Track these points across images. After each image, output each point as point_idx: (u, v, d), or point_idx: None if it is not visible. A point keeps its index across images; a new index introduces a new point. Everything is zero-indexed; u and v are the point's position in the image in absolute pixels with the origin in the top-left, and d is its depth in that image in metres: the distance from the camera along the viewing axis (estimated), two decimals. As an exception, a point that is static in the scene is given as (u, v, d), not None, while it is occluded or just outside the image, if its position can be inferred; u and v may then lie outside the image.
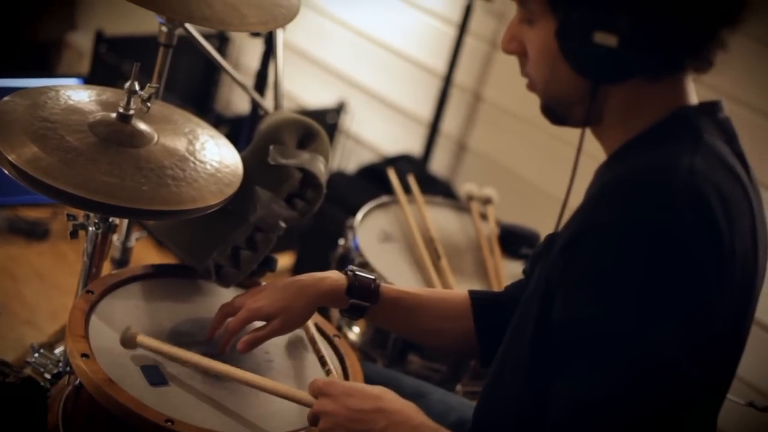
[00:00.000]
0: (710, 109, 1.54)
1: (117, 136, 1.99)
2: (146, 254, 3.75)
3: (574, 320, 1.42)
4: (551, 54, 1.50)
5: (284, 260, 3.53)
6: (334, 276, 1.95)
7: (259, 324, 1.91)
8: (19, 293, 3.59)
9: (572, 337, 1.42)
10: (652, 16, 1.43)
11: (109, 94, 2.18)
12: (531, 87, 1.60)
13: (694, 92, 1.55)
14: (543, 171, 3.89)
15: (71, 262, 3.78)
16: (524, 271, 1.93)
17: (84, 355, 1.77)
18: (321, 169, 2.10)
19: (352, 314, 1.97)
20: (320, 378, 1.72)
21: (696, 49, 1.48)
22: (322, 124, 2.22)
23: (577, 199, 1.56)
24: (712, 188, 1.41)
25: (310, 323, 2.03)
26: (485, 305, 1.97)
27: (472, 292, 2.00)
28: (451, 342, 2.02)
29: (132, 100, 2.02)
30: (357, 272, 1.95)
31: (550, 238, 1.73)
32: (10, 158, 1.84)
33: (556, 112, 1.59)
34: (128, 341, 1.84)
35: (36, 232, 3.93)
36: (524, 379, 1.56)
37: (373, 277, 1.96)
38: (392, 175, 3.01)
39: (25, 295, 3.59)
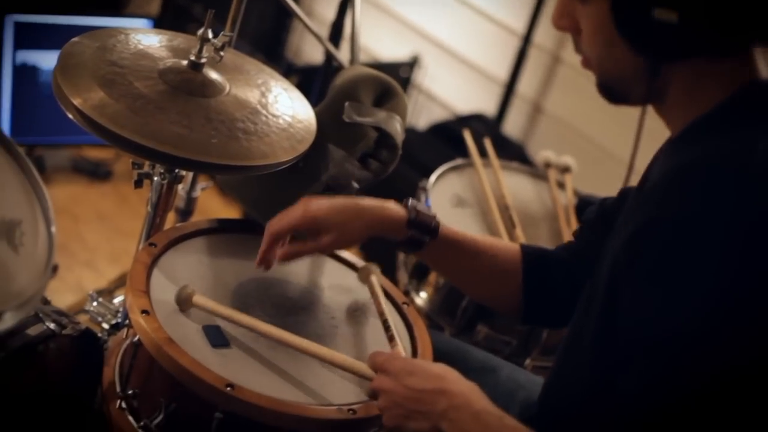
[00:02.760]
0: None
1: (187, 85, 1.91)
2: (211, 204, 3.69)
3: (643, 318, 1.32)
4: (606, 31, 1.39)
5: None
6: (394, 206, 1.86)
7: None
8: (80, 234, 3.55)
9: (640, 334, 1.33)
10: None
11: (180, 40, 2.10)
12: (586, 64, 1.50)
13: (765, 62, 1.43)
14: (620, 139, 3.75)
15: (134, 205, 3.74)
16: (583, 220, 1.86)
17: (144, 312, 1.71)
18: (397, 129, 2.01)
19: (408, 247, 1.88)
20: (381, 352, 1.64)
21: (763, 22, 1.36)
22: (395, 78, 2.12)
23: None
24: None
25: (376, 283, 1.95)
26: (535, 262, 1.89)
27: (523, 247, 1.91)
28: (498, 294, 1.94)
29: (204, 47, 1.94)
30: (417, 206, 1.86)
31: (624, 192, 1.67)
32: (75, 103, 1.76)
33: (613, 91, 1.49)
34: (184, 301, 1.77)
35: (99, 173, 3.89)
36: (588, 370, 1.47)
37: (433, 214, 1.87)
38: (468, 138, 2.90)
39: (86, 236, 3.56)
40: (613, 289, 1.38)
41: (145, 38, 2.06)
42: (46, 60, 3.58)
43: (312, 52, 4.55)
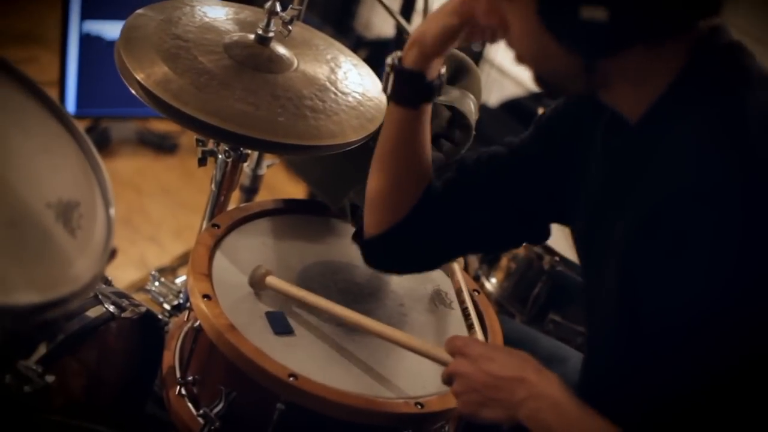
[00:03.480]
0: (721, 34, 1.35)
1: (254, 60, 1.85)
2: (278, 180, 3.63)
3: (670, 304, 1.26)
4: (535, 31, 1.32)
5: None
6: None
7: None
8: (144, 208, 3.52)
9: (669, 320, 1.27)
10: None
11: (248, 12, 2.04)
12: (519, 59, 1.42)
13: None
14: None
15: (199, 179, 3.68)
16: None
17: (206, 296, 1.65)
18: (471, 108, 1.92)
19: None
20: (459, 336, 1.56)
21: (695, 3, 1.29)
22: (466, 53, 2.02)
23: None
24: None
25: (457, 269, 1.87)
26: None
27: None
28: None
29: (272, 21, 1.86)
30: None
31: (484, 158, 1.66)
32: (138, 78, 1.71)
33: (550, 85, 1.42)
34: (257, 282, 1.71)
35: (165, 146, 3.86)
36: (617, 357, 1.41)
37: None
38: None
39: (150, 210, 3.52)
40: (628, 274, 1.32)
41: (212, 11, 1.99)
42: (113, 30, 3.54)
43: (383, 26, 4.46)
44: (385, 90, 1.63)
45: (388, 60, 1.61)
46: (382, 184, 1.68)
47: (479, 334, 1.75)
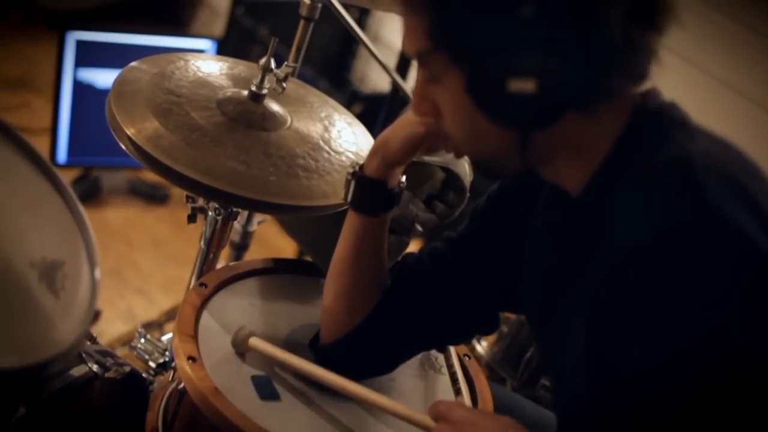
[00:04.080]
0: (655, 96, 1.36)
1: (247, 117, 1.83)
2: (270, 236, 3.60)
3: (640, 357, 1.23)
4: (466, 110, 1.31)
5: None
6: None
7: None
8: (134, 260, 3.49)
9: (642, 368, 1.24)
10: (565, 44, 1.22)
11: (242, 68, 2.02)
12: (455, 149, 1.45)
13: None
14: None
15: (189, 232, 3.62)
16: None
17: (191, 358, 1.61)
18: (466, 169, 1.89)
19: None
20: (443, 400, 1.52)
21: (624, 71, 1.29)
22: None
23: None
24: (728, 163, 1.26)
25: None
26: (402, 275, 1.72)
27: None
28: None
29: (266, 78, 1.84)
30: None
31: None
32: (129, 133, 1.68)
33: (490, 167, 1.43)
34: (240, 343, 1.67)
35: (156, 196, 3.83)
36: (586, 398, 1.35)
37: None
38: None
39: (139, 262, 3.48)
40: (595, 332, 1.29)
41: (206, 65, 1.97)
42: (107, 78, 3.53)
43: (378, 79, 4.45)
44: (345, 197, 1.63)
45: (349, 168, 1.62)
46: (341, 291, 1.68)
47: (466, 398, 1.71)
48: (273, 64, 1.85)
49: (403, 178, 1.64)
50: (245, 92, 1.88)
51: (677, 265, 1.19)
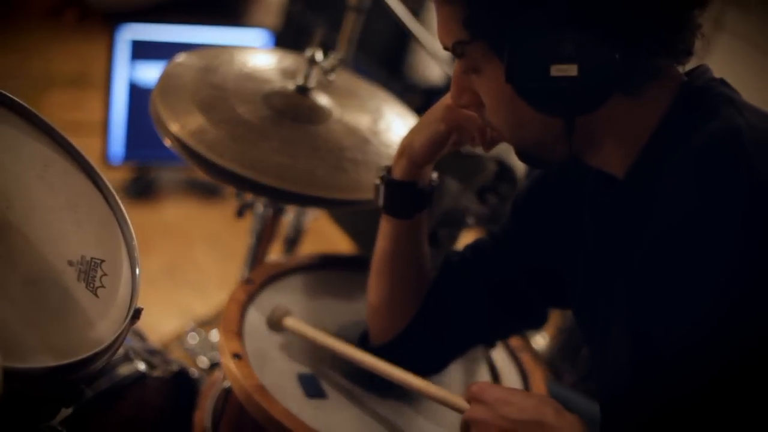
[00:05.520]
0: (705, 72, 1.33)
1: (293, 110, 1.80)
2: (322, 234, 3.57)
3: (681, 335, 1.20)
4: (509, 99, 1.27)
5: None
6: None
7: None
8: (191, 255, 3.48)
9: (679, 343, 1.20)
10: (605, 27, 1.19)
11: (291, 60, 1.98)
12: (499, 136, 1.42)
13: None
14: None
15: (247, 227, 3.64)
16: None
17: (236, 356, 1.59)
18: (519, 161, 1.85)
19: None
20: (477, 382, 1.48)
21: (668, 48, 1.26)
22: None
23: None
24: None
25: None
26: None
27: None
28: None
29: (313, 70, 1.81)
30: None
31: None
32: (172, 129, 1.66)
33: (535, 156, 1.38)
34: (275, 322, 1.67)
35: (213, 192, 3.82)
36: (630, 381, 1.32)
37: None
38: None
39: (196, 258, 3.48)
40: (638, 311, 1.26)
41: (253, 58, 1.95)
42: (163, 75, 3.52)
43: (434, 71, 4.41)
44: (377, 202, 1.60)
45: (378, 173, 1.60)
46: (383, 294, 1.67)
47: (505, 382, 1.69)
48: (320, 56, 1.82)
49: (435, 176, 1.62)
50: (293, 85, 1.84)
51: (721, 242, 1.15)
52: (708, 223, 1.16)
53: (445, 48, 1.34)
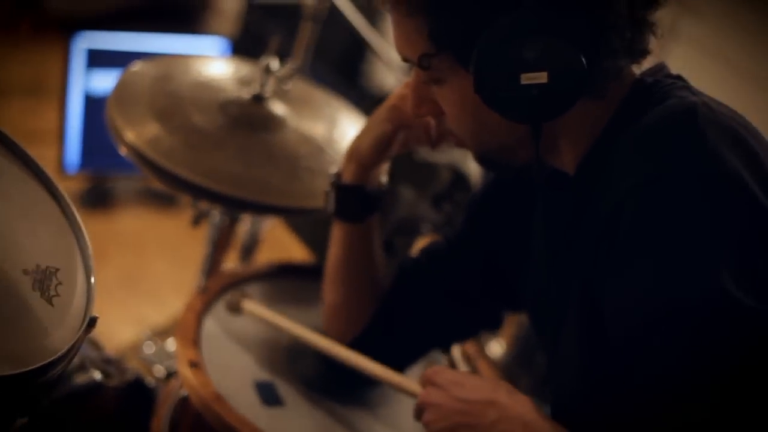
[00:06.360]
0: (661, 70, 1.35)
1: (249, 119, 1.80)
2: (279, 242, 3.57)
3: (635, 299, 1.19)
4: (474, 108, 1.29)
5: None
6: None
7: None
8: (147, 264, 3.47)
9: (637, 316, 1.20)
10: (571, 32, 1.21)
11: (247, 69, 1.99)
12: (459, 143, 1.42)
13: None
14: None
15: (203, 235, 3.64)
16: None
17: (193, 364, 1.59)
18: (474, 169, 1.87)
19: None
20: (432, 366, 1.50)
21: (628, 49, 1.27)
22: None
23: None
24: (729, 119, 1.22)
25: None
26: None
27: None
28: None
29: (268, 79, 1.82)
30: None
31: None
32: (127, 138, 1.66)
33: (497, 161, 1.39)
34: (234, 305, 1.68)
35: (169, 201, 3.80)
36: (581, 373, 1.33)
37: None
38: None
39: (152, 266, 3.46)
40: (587, 281, 1.26)
41: (209, 67, 1.95)
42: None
43: (391, 80, 4.43)
44: (327, 208, 1.61)
45: (329, 179, 1.61)
46: (337, 299, 1.68)
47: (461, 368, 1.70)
48: (276, 65, 1.83)
49: (384, 180, 1.63)
50: (249, 94, 1.85)
51: (672, 209, 1.16)
52: (661, 186, 1.17)
53: (405, 60, 1.35)
